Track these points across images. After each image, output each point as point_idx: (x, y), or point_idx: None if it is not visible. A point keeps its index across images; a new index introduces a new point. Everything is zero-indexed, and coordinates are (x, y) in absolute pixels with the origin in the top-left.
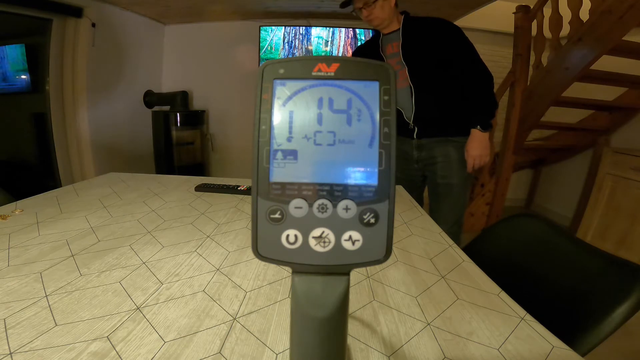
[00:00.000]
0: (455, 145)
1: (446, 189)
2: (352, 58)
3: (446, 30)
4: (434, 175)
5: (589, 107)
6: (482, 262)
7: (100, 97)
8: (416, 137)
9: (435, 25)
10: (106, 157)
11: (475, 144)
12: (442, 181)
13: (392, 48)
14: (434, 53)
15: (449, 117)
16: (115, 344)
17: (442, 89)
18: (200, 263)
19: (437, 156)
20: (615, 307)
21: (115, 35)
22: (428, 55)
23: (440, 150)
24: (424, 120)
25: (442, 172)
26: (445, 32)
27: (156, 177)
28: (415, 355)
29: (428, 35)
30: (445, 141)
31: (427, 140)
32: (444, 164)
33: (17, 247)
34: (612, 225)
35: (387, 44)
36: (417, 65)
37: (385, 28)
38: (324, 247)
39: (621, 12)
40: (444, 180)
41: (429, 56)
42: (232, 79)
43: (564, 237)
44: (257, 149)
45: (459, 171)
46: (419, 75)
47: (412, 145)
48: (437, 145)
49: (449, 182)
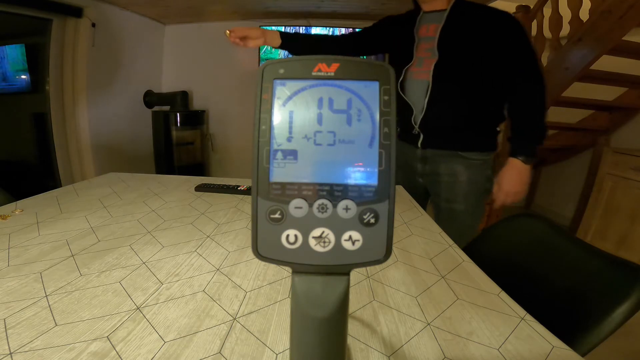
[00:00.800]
0: (464, 162)
1: (450, 215)
2: (352, 58)
3: (504, 25)
4: (437, 197)
5: (589, 107)
6: (482, 262)
7: (100, 97)
8: (421, 145)
9: (491, 16)
10: (106, 157)
11: (513, 178)
12: (445, 205)
13: (427, 30)
14: (478, 49)
15: (465, 127)
16: (115, 344)
17: (470, 93)
18: (200, 263)
19: (442, 174)
20: (615, 307)
21: (115, 35)
22: (470, 49)
23: (446, 166)
24: (432, 126)
25: (445, 194)
26: (502, 26)
27: (156, 177)
28: (415, 355)
29: (479, 25)
30: (452, 156)
31: (432, 151)
32: (448, 184)
33: (17, 247)
34: (612, 225)
35: (424, 23)
36: (452, 58)
37: (429, 4)
38: (324, 247)
39: (621, 12)
40: (447, 204)
41: (470, 51)
42: (232, 79)
43: (564, 237)
44: (257, 149)
45: (466, 196)
46: (448, 71)
47: (416, 156)
48: (442, 159)
49: (453, 207)
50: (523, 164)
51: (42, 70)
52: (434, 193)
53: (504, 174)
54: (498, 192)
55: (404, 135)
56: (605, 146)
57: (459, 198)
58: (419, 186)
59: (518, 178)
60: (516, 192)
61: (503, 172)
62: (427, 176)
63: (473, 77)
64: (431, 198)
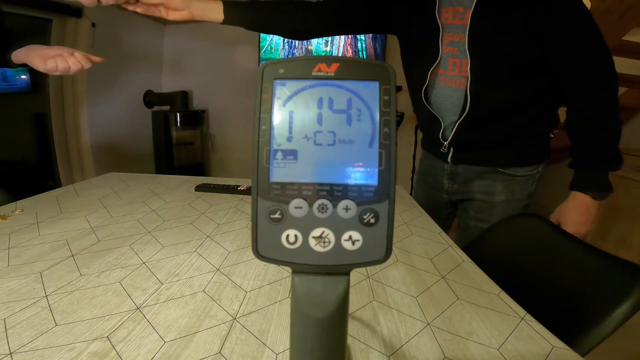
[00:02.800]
0: (504, 179)
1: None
2: (352, 58)
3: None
4: (466, 214)
5: None
6: (482, 262)
7: (100, 97)
8: (451, 160)
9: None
10: (106, 157)
11: (581, 216)
12: (475, 224)
13: (453, 16)
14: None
15: (508, 141)
16: (115, 344)
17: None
18: (200, 263)
19: (475, 192)
20: (615, 307)
21: (115, 35)
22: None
23: (480, 185)
24: (466, 143)
25: (476, 214)
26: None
27: (156, 177)
28: (415, 355)
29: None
30: (489, 172)
31: (464, 167)
32: (482, 203)
33: (17, 247)
34: (612, 225)
35: (447, 5)
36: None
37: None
38: (324, 247)
39: (621, 12)
40: (477, 224)
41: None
42: (232, 79)
43: (564, 237)
44: (257, 149)
45: (501, 217)
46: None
47: (444, 172)
48: (477, 177)
49: (483, 227)
50: (592, 200)
51: None
52: (461, 209)
53: (567, 211)
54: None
55: (429, 146)
56: None
57: (493, 219)
58: (443, 203)
59: (586, 217)
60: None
61: (566, 208)
62: (456, 195)
63: (523, 78)
64: (458, 215)
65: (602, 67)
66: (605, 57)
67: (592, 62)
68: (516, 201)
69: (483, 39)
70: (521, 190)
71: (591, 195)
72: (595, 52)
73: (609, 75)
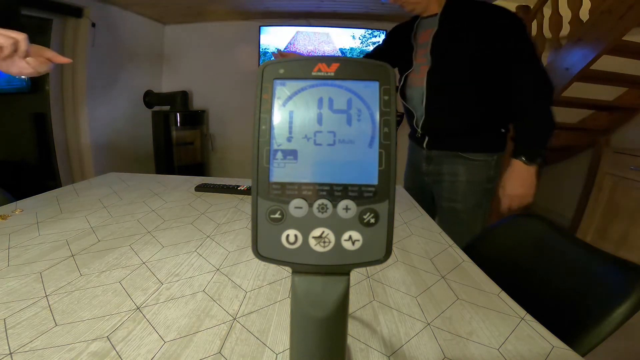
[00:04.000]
0: (465, 163)
1: (452, 215)
2: (352, 58)
3: (500, 21)
4: (439, 197)
5: (589, 107)
6: (482, 262)
7: (100, 97)
8: (426, 146)
9: (487, 12)
10: (106, 157)
11: (517, 181)
12: (447, 204)
13: (425, 36)
14: (474, 50)
15: (465, 129)
16: (115, 344)
17: (466, 96)
18: (200, 263)
19: (444, 173)
20: (615, 307)
21: (115, 35)
22: (464, 52)
23: (448, 166)
24: (434, 129)
25: (447, 194)
26: (498, 22)
27: (156, 177)
28: (415, 355)
29: (473, 24)
30: (454, 156)
31: (436, 152)
32: (449, 184)
33: (17, 247)
34: (612, 225)
35: (422, 29)
36: (444, 64)
37: (424, 10)
38: (324, 247)
39: (621, 12)
40: (448, 204)
41: (464, 54)
42: (232, 79)
43: (564, 237)
44: (257, 149)
45: (466, 196)
46: (441, 77)
47: (422, 156)
48: (445, 160)
49: (453, 206)
50: (526, 166)
51: None
52: (436, 193)
53: (506, 176)
54: (502, 196)
55: (413, 136)
56: (605, 146)
57: (459, 197)
58: (425, 186)
59: (521, 180)
60: (520, 195)
61: (506, 174)
62: (431, 175)
63: (469, 80)
64: (435, 198)
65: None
66: (543, 71)
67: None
68: (477, 183)
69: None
70: (480, 174)
71: (524, 160)
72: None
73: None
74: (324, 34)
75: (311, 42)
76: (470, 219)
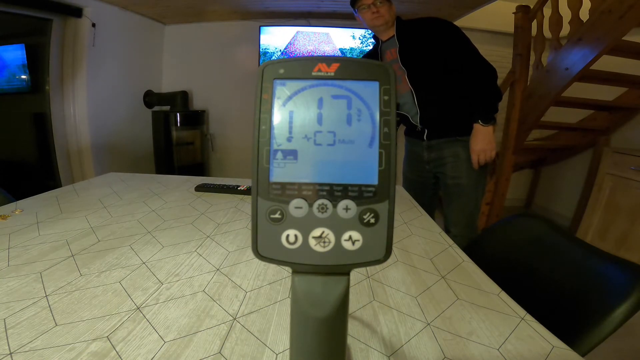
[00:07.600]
0: (463, 144)
1: (456, 190)
2: (352, 58)
3: (441, 29)
4: (444, 176)
5: (589, 107)
6: (482, 262)
7: (100, 97)
8: (426, 138)
9: (429, 25)
10: (106, 157)
11: (478, 139)
12: (452, 181)
13: (391, 54)
14: (431, 53)
15: (455, 116)
16: (115, 344)
17: (445, 88)
18: (200, 263)
19: (447, 156)
20: (615, 307)
21: (115, 35)
22: (426, 56)
23: (449, 150)
24: (430, 121)
25: (451, 173)
26: (440, 30)
27: (156, 177)
28: (415, 355)
29: (423, 36)
30: (453, 141)
31: (436, 141)
32: (453, 164)
33: (17, 247)
34: (612, 225)
35: (386, 51)
36: (417, 68)
37: (384, 33)
38: (324, 247)
39: (621, 12)
40: (453, 181)
41: (427, 57)
42: (232, 79)
43: (564, 237)
44: (257, 149)
45: (468, 171)
46: (419, 78)
47: (423, 147)
48: (446, 145)
49: (459, 182)
50: (483, 127)
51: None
52: (441, 174)
53: (471, 138)
54: (471, 154)
55: (410, 132)
56: (605, 146)
57: (463, 174)
58: (426, 172)
59: (482, 138)
60: (484, 149)
61: (471, 137)
62: (433, 162)
63: (440, 74)
64: (440, 181)
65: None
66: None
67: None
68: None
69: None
70: None
71: (480, 123)
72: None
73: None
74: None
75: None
76: (473, 190)
